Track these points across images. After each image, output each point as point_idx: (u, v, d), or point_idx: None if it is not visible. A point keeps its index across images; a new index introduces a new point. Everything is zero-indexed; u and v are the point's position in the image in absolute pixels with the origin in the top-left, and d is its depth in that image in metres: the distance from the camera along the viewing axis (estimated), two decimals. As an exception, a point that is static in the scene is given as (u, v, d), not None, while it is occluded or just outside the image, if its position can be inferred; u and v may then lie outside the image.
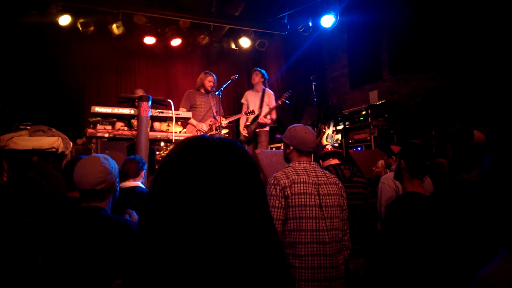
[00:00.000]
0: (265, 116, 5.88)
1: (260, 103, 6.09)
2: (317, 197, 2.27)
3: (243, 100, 6.37)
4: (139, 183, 3.01)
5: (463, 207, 2.15)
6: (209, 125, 5.57)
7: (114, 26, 6.82)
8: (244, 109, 6.18)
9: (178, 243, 0.75)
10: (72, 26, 6.84)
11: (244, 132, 6.13)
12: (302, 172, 2.33)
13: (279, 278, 0.82)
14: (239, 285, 0.76)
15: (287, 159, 2.52)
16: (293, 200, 2.24)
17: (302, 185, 2.27)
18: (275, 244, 0.85)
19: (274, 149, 6.81)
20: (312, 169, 2.38)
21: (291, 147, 2.46)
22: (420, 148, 2.25)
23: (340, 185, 2.43)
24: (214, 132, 5.57)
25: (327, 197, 2.30)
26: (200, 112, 5.67)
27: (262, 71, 6.28)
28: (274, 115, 6.01)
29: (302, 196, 2.24)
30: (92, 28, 6.98)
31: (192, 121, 5.51)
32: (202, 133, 5.51)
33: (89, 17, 6.89)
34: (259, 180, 0.85)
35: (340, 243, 2.33)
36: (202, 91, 5.80)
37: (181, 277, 0.75)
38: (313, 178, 2.32)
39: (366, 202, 3.03)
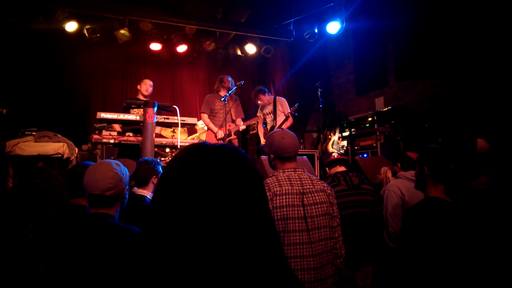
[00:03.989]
0: (279, 127, 5.84)
1: (274, 112, 6.04)
2: (301, 208, 2.15)
3: (258, 113, 6.33)
4: (150, 193, 2.89)
5: (475, 214, 2.11)
6: (228, 130, 5.46)
7: (120, 32, 6.86)
8: (261, 119, 6.17)
9: (182, 247, 0.77)
10: (78, 33, 6.90)
11: (263, 141, 6.10)
12: (285, 182, 2.22)
13: (281, 280, 0.83)
14: (243, 284, 0.77)
15: (273, 166, 2.42)
16: (276, 214, 2.13)
17: (284, 197, 2.15)
18: (277, 246, 0.88)
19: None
20: (297, 176, 2.26)
21: (272, 155, 2.37)
22: (442, 152, 2.18)
23: (329, 191, 2.30)
24: (233, 137, 5.53)
25: (313, 207, 2.18)
26: (219, 117, 5.61)
27: (262, 87, 6.18)
28: (289, 124, 5.95)
29: (285, 209, 2.13)
30: (98, 35, 7.04)
31: (212, 127, 5.52)
32: (219, 139, 5.49)
33: (95, 23, 6.95)
34: (260, 185, 0.87)
35: (332, 252, 2.23)
36: (222, 93, 5.67)
37: (186, 278, 0.77)
38: (297, 188, 2.20)
39: (373, 209, 2.99)
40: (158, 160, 3.04)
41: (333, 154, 3.32)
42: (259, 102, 6.18)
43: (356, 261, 2.85)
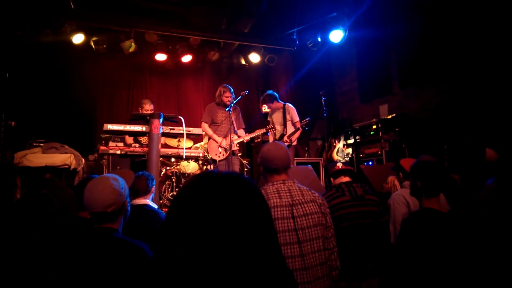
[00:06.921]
0: (289, 137, 5.87)
1: (283, 120, 6.05)
2: (291, 220, 2.11)
3: (269, 119, 6.37)
4: (148, 201, 3.01)
5: (480, 225, 2.12)
6: (232, 141, 5.46)
7: (126, 43, 6.95)
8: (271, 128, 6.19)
9: (191, 266, 0.81)
10: (85, 44, 7.00)
11: None
12: (273, 195, 2.18)
13: None
14: None
15: (265, 177, 2.38)
16: None
17: (273, 210, 2.11)
18: (282, 266, 0.92)
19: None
20: (286, 188, 2.23)
21: (261, 167, 2.36)
22: (434, 167, 2.18)
23: (320, 201, 2.25)
24: (235, 148, 5.52)
25: (303, 218, 2.14)
26: (222, 127, 5.60)
27: (274, 93, 6.21)
28: (297, 135, 5.96)
29: (275, 223, 2.09)
30: (104, 46, 7.14)
31: (216, 138, 5.52)
32: (223, 149, 5.48)
33: (102, 35, 7.06)
34: (266, 210, 0.92)
35: (327, 264, 2.18)
36: (223, 105, 5.69)
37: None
38: (286, 200, 2.16)
39: (377, 220, 2.97)
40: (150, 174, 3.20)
41: (337, 164, 3.31)
42: (266, 109, 6.19)
43: (360, 273, 2.83)
